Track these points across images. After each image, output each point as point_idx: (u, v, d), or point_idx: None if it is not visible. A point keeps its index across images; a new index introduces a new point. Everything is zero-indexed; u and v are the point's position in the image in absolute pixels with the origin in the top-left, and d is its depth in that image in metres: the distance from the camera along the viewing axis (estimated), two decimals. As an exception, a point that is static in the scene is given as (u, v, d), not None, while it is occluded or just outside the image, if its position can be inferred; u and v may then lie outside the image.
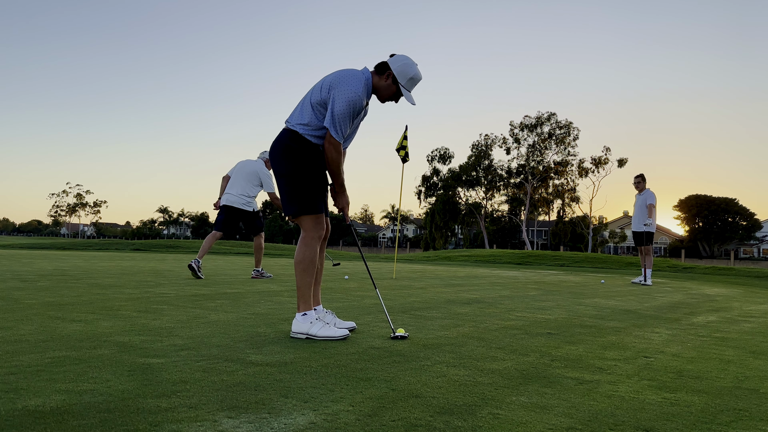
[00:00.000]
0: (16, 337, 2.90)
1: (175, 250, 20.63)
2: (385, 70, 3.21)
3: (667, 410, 2.03)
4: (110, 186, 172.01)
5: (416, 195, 60.39)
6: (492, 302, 5.48)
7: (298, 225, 3.29)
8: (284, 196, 3.22)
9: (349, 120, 3.12)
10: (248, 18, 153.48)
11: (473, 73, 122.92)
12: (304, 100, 3.24)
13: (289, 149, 3.18)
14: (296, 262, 3.21)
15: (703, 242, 64.08)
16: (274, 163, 3.25)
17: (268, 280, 7.51)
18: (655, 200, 9.62)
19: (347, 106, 3.07)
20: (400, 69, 3.21)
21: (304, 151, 3.19)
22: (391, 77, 3.22)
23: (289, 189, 3.19)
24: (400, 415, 1.85)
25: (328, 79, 3.17)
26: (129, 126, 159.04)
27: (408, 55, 3.28)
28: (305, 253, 3.20)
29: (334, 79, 3.13)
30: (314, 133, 3.18)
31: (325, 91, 3.12)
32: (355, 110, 3.11)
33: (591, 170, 52.84)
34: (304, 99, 3.25)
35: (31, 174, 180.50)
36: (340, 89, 3.07)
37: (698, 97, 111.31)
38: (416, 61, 3.29)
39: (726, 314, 5.22)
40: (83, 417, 1.71)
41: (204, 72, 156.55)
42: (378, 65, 3.26)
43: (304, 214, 3.20)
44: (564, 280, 9.84)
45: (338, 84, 3.09)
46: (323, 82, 3.17)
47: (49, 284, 5.86)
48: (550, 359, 2.82)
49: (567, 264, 16.88)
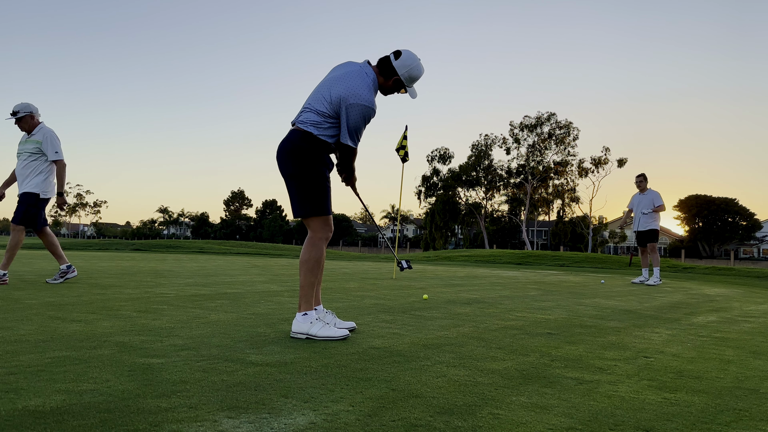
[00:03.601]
0: (16, 337, 2.90)
1: (175, 250, 20.63)
2: (392, 74, 3.24)
3: (667, 410, 2.03)
4: (110, 186, 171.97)
5: (416, 195, 60.42)
6: (492, 302, 5.48)
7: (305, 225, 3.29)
8: (295, 197, 3.22)
9: (363, 127, 3.22)
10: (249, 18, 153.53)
11: (473, 73, 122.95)
12: (313, 101, 3.21)
13: (301, 150, 3.16)
14: (302, 262, 3.21)
15: (703, 242, 64.08)
16: (284, 164, 3.21)
17: (267, 279, 7.50)
18: (662, 201, 9.40)
19: (362, 119, 3.14)
20: (407, 74, 3.25)
21: (315, 151, 3.18)
22: (397, 81, 3.26)
23: (301, 190, 3.19)
24: (400, 415, 1.85)
25: (336, 88, 3.13)
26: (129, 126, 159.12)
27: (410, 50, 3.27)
28: (312, 253, 3.21)
29: (343, 92, 3.10)
30: (327, 132, 3.19)
31: (336, 104, 3.12)
32: (369, 119, 3.19)
33: (591, 170, 52.85)
34: (313, 99, 3.22)
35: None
36: (353, 104, 3.09)
37: (698, 97, 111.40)
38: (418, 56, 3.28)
39: (726, 314, 5.22)
40: (83, 417, 1.71)
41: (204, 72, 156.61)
42: (383, 65, 3.25)
43: (315, 215, 3.21)
44: (564, 280, 9.84)
45: (349, 97, 3.09)
46: (331, 89, 3.14)
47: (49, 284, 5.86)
48: (550, 359, 2.82)
49: (567, 264, 16.88)
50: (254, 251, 22.19)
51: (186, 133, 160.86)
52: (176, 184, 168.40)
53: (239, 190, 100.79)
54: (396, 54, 3.25)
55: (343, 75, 3.17)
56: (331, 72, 3.30)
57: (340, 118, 3.15)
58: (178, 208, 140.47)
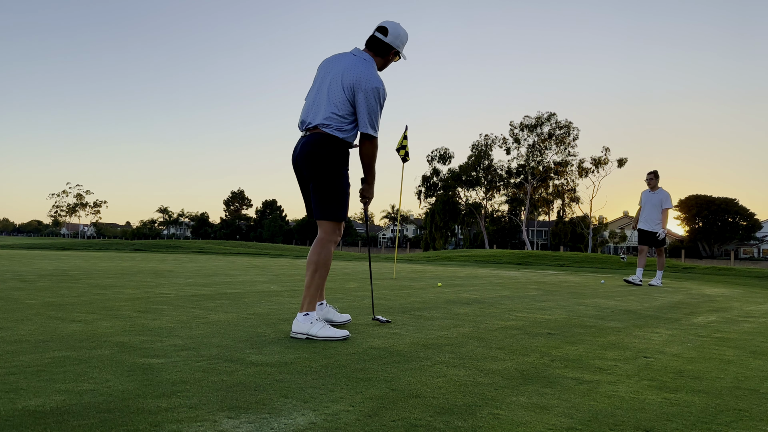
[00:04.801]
0: (16, 337, 2.90)
1: (175, 251, 20.64)
2: (389, 50, 3.33)
3: (667, 410, 2.03)
4: (110, 186, 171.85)
5: (416, 195, 60.43)
6: (492, 302, 5.48)
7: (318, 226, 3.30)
8: (319, 200, 3.21)
9: (380, 113, 3.22)
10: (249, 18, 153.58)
11: (473, 73, 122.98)
12: (328, 99, 3.18)
13: (329, 154, 3.17)
14: (312, 262, 3.23)
15: (703, 242, 64.07)
16: (311, 169, 3.18)
17: (267, 279, 7.50)
18: (671, 204, 9.17)
19: (377, 102, 3.16)
20: (400, 43, 3.35)
21: (342, 155, 3.22)
22: (395, 53, 3.36)
23: (326, 194, 3.20)
24: (400, 415, 1.85)
25: (347, 77, 3.14)
26: (129, 126, 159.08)
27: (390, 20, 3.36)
28: (322, 254, 3.23)
29: (355, 78, 3.13)
30: (350, 133, 3.22)
31: (350, 93, 3.14)
32: (383, 101, 3.21)
33: (591, 170, 52.87)
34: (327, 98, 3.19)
35: (31, 174, 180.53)
36: (368, 87, 3.12)
37: (698, 97, 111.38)
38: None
39: (726, 314, 5.22)
40: (83, 417, 1.71)
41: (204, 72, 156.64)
42: (375, 45, 3.30)
43: (333, 220, 3.24)
44: (564, 280, 9.83)
45: (362, 81, 3.12)
46: (343, 82, 3.15)
47: (49, 284, 5.87)
48: (550, 359, 2.82)
49: (567, 264, 16.88)
50: (254, 251, 22.19)
51: (186, 133, 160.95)
52: (176, 184, 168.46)
53: (239, 190, 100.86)
54: (382, 31, 3.31)
55: (348, 66, 3.19)
56: (329, 69, 3.27)
57: (356, 109, 3.15)
58: (178, 208, 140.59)
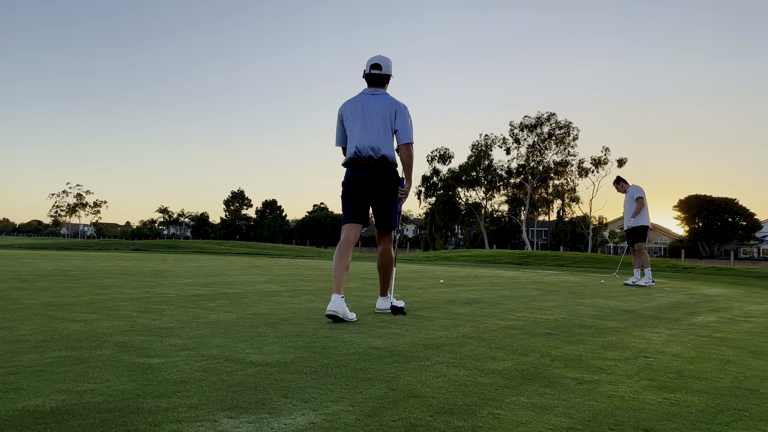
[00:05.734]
0: (16, 337, 2.90)
1: (175, 250, 20.64)
2: (388, 78, 4.22)
3: (667, 410, 2.03)
4: (110, 186, 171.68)
5: (416, 195, 60.36)
6: (492, 302, 5.48)
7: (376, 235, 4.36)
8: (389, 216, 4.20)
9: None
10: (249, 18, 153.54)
11: (473, 73, 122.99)
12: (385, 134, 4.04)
13: (395, 180, 4.14)
14: (385, 266, 4.29)
15: (703, 242, 64.05)
16: (387, 191, 4.08)
17: (267, 279, 7.48)
18: (642, 192, 9.38)
19: (410, 118, 4.17)
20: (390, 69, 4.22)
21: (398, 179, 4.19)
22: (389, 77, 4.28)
23: (393, 211, 4.22)
24: (400, 415, 1.85)
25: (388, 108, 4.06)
26: (129, 126, 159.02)
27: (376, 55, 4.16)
28: (391, 256, 4.32)
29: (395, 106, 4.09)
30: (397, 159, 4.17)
31: (393, 118, 4.09)
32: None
33: (591, 170, 52.84)
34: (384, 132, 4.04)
35: (31, 174, 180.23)
36: (404, 110, 4.13)
37: (698, 97, 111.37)
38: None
39: (726, 314, 5.22)
40: (83, 417, 1.71)
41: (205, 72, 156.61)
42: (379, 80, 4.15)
43: (395, 228, 4.30)
44: (564, 280, 9.83)
45: (399, 107, 4.11)
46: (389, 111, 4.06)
47: (49, 284, 5.87)
48: (550, 359, 2.82)
49: (567, 264, 16.88)
50: (254, 251, 22.19)
51: (186, 133, 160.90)
52: (176, 184, 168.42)
53: (239, 190, 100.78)
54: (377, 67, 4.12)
55: (384, 104, 4.07)
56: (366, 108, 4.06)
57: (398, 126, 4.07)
58: (178, 208, 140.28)
